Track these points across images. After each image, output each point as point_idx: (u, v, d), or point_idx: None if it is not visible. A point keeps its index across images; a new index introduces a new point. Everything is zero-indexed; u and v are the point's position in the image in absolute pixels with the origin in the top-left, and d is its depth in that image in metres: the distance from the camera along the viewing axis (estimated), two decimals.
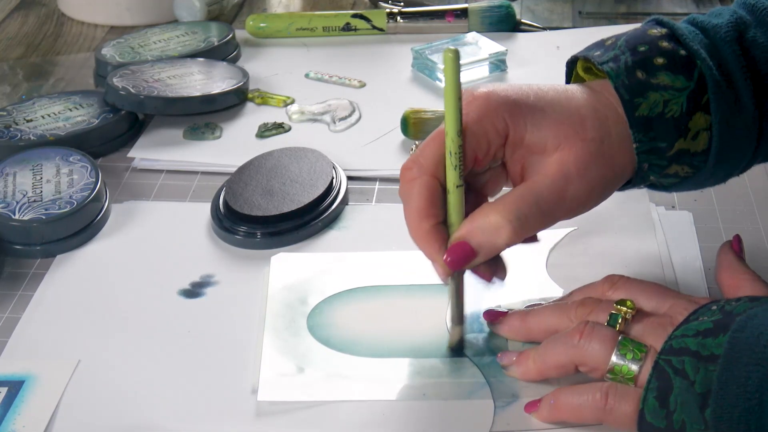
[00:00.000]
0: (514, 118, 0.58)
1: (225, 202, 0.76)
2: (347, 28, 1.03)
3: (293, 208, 0.74)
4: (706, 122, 0.59)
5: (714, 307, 0.56)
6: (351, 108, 0.89)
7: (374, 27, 1.03)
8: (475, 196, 0.60)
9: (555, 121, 0.58)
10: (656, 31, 0.61)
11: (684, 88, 0.58)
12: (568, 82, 0.65)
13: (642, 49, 0.59)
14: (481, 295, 0.65)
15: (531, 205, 0.57)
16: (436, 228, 0.58)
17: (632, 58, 0.59)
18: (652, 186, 0.63)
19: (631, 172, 0.60)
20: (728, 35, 0.60)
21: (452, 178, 0.57)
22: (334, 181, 0.78)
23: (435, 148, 0.58)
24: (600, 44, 0.62)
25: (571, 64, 0.65)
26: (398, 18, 1.03)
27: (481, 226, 0.57)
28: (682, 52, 0.59)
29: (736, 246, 0.65)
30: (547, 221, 0.59)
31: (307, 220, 0.74)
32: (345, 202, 0.77)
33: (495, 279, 0.61)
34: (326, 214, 0.75)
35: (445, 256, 0.58)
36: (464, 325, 0.63)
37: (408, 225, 0.59)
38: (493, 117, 0.58)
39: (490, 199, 0.61)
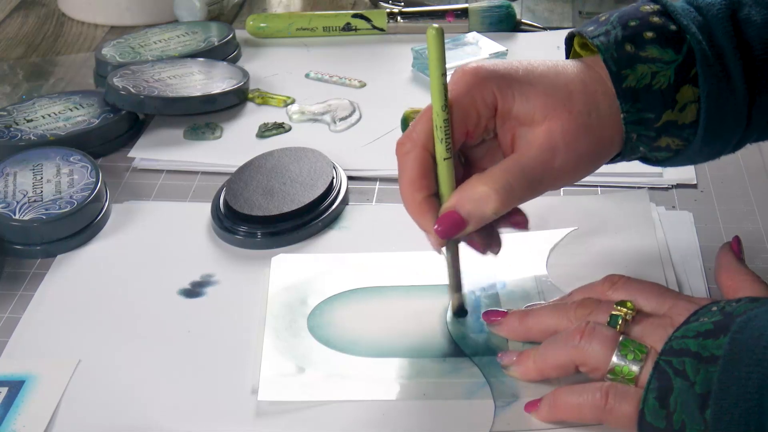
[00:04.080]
0: (502, 90, 0.59)
1: (225, 202, 0.76)
2: (347, 28, 1.03)
3: (293, 208, 0.74)
4: (694, 95, 0.59)
5: (714, 308, 0.56)
6: (351, 108, 0.89)
7: (374, 27, 1.03)
8: (473, 170, 0.62)
9: (543, 93, 0.59)
10: (649, 7, 0.61)
11: (672, 61, 0.59)
12: (567, 57, 0.66)
13: (633, 24, 0.60)
14: (480, 288, 0.66)
15: (517, 175, 0.59)
16: (428, 200, 0.60)
17: (622, 33, 0.60)
18: (646, 160, 0.64)
19: (620, 145, 0.61)
20: (721, 12, 0.60)
21: (440, 151, 0.59)
22: (335, 181, 0.78)
23: (426, 123, 0.60)
24: (595, 20, 0.63)
25: (570, 40, 0.65)
26: (398, 18, 1.03)
27: (470, 196, 0.59)
28: (673, 27, 0.60)
29: (735, 247, 0.65)
30: (535, 191, 0.60)
31: (307, 220, 0.74)
32: (345, 202, 0.77)
33: (489, 252, 0.63)
34: (326, 214, 0.75)
35: (435, 226, 0.59)
36: (463, 292, 0.64)
37: (402, 197, 0.60)
38: (481, 89, 0.59)
39: None
